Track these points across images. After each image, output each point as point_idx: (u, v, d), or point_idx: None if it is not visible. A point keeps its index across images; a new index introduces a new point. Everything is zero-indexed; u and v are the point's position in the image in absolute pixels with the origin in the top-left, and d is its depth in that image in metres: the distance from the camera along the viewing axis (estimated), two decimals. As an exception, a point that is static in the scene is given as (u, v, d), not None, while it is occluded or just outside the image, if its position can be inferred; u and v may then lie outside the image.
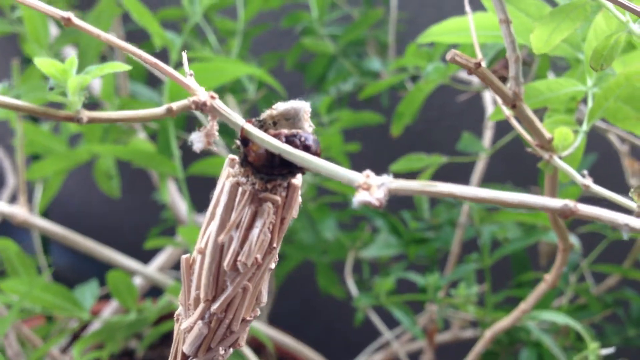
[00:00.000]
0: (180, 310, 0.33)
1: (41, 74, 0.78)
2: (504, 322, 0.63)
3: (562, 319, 0.62)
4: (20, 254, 0.68)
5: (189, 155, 0.91)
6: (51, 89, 0.28)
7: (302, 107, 0.30)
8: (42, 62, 0.28)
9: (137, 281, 0.85)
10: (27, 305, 0.67)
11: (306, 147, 0.28)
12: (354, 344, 1.07)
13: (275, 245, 0.30)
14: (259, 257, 0.30)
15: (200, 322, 0.31)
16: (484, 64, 0.47)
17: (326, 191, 0.95)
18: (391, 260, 0.97)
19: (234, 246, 0.30)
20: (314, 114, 0.93)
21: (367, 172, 0.24)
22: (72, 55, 0.84)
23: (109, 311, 0.83)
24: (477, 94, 0.86)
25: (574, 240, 0.73)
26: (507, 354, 0.87)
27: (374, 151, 1.07)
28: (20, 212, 0.69)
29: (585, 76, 0.49)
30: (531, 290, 0.64)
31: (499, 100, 0.44)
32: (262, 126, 0.29)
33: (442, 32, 0.58)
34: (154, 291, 0.87)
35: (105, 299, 0.88)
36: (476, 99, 0.92)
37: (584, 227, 0.86)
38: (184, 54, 0.31)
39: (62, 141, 0.82)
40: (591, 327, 0.88)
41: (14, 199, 0.95)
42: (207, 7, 0.82)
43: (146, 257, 0.91)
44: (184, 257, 0.32)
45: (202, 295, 0.31)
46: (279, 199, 0.30)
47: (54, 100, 0.33)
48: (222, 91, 0.93)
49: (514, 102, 0.41)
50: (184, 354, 0.33)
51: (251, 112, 1.00)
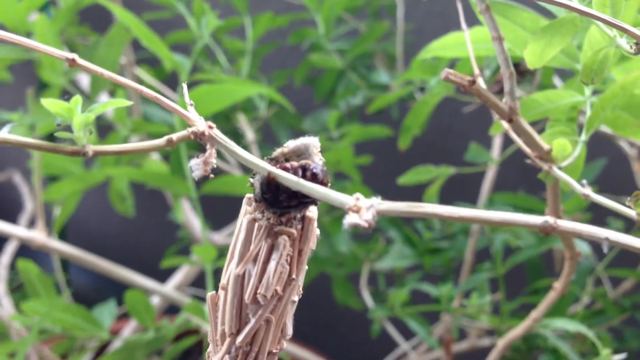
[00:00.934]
0: (210, 347, 0.34)
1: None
2: (516, 331, 0.63)
3: (574, 327, 0.62)
4: (40, 275, 0.70)
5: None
6: (59, 125, 0.30)
7: (312, 142, 0.31)
8: (49, 103, 0.29)
9: (155, 300, 0.87)
10: (47, 325, 0.69)
11: (314, 176, 0.29)
12: (372, 356, 1.08)
13: (294, 276, 0.31)
14: (279, 289, 0.31)
15: (227, 357, 0.32)
16: (480, 80, 0.48)
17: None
18: (406, 270, 0.98)
19: (253, 279, 0.31)
20: (325, 129, 0.95)
21: (357, 195, 0.25)
22: (85, 81, 0.85)
23: (128, 330, 0.84)
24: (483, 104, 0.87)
25: (584, 246, 0.73)
26: (525, 360, 0.87)
27: (385, 163, 1.08)
28: (39, 236, 0.71)
29: (583, 86, 0.49)
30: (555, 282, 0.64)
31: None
32: (275, 164, 0.30)
33: (443, 47, 0.59)
34: (172, 309, 0.88)
35: (125, 317, 0.90)
36: (485, 106, 0.93)
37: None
38: (184, 85, 0.32)
39: (77, 163, 0.84)
40: (610, 332, 0.88)
41: (32, 224, 0.98)
42: (215, 29, 0.83)
43: (163, 275, 0.93)
44: (209, 294, 0.33)
45: (227, 329, 0.32)
46: (294, 231, 0.31)
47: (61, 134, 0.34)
48: (233, 110, 0.94)
49: (510, 117, 0.42)
50: None
51: (263, 129, 1.01)
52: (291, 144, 0.31)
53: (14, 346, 0.64)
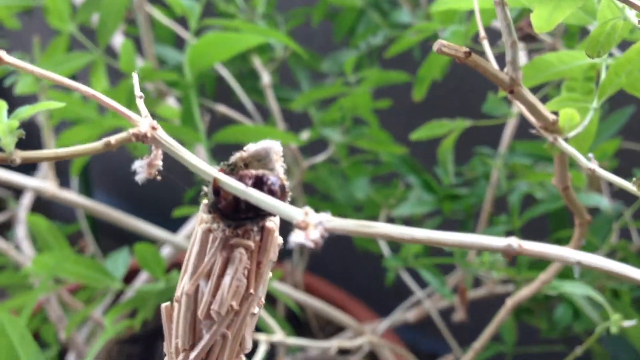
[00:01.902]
0: (166, 359, 0.33)
1: (65, 48, 0.79)
2: (525, 291, 0.62)
3: (582, 290, 0.61)
4: (51, 228, 0.70)
5: (216, 121, 0.91)
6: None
7: (273, 147, 0.29)
8: None
9: (166, 250, 0.87)
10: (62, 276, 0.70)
11: (271, 192, 0.27)
12: (388, 302, 1.08)
13: (252, 291, 0.30)
14: (234, 304, 0.29)
15: None
16: (485, 43, 0.45)
17: (358, 150, 0.94)
18: (425, 216, 0.96)
19: (207, 295, 0.29)
20: (342, 74, 0.92)
21: (306, 209, 0.24)
22: (96, 19, 0.83)
23: (143, 278, 0.85)
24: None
25: (604, 201, 0.71)
26: (542, 310, 0.86)
27: (405, 107, 1.05)
28: (49, 186, 0.71)
29: (599, 47, 0.46)
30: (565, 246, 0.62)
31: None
32: (233, 170, 0.29)
33: (454, -1, 0.55)
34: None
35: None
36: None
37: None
38: (135, 80, 0.30)
39: (92, 108, 0.83)
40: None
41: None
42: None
43: (178, 224, 0.93)
44: (164, 305, 0.32)
45: (180, 344, 0.31)
46: (252, 244, 0.29)
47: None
48: (249, 52, 0.92)
49: (511, 88, 0.39)
50: None
51: (279, 71, 0.99)
52: (251, 148, 0.29)
53: (25, 298, 0.65)
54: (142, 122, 0.27)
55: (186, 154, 0.27)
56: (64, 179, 0.88)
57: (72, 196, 0.73)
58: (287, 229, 0.26)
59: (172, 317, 0.31)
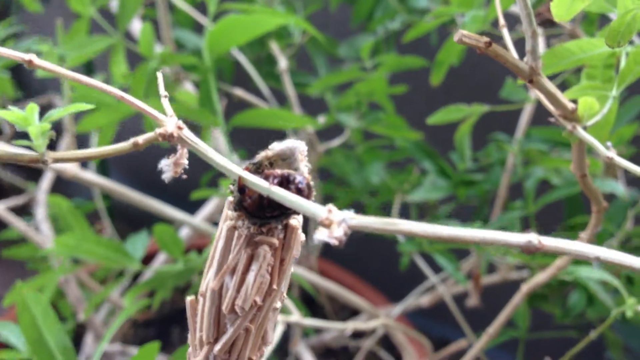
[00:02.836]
0: (190, 350, 0.34)
1: (86, 31, 0.79)
2: (541, 277, 0.62)
3: (598, 275, 0.61)
4: (72, 209, 0.71)
5: (233, 105, 0.92)
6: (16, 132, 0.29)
7: (298, 146, 0.29)
8: (2, 112, 0.28)
9: (184, 231, 0.88)
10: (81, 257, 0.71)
11: (299, 191, 0.28)
12: (400, 288, 1.09)
13: (275, 286, 0.30)
14: (258, 299, 0.30)
15: None
16: (505, 32, 0.45)
17: (374, 135, 0.94)
18: (439, 202, 0.97)
19: (231, 290, 0.30)
20: (358, 59, 0.92)
21: (330, 206, 0.24)
22: (115, 3, 0.83)
23: (161, 259, 0.86)
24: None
25: (620, 188, 0.71)
26: (556, 296, 0.86)
27: (421, 93, 1.05)
28: (70, 167, 0.72)
29: (619, 35, 0.46)
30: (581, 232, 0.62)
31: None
32: (259, 168, 0.29)
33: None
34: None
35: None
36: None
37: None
38: (160, 79, 0.31)
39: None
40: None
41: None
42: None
43: (196, 205, 0.94)
44: (189, 299, 0.32)
45: (204, 337, 0.31)
46: (276, 241, 0.30)
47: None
48: (266, 37, 0.92)
49: (531, 77, 0.40)
50: None
51: (297, 56, 0.99)
52: (276, 147, 0.29)
53: (46, 278, 0.66)
54: (169, 121, 0.28)
55: (211, 153, 0.27)
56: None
57: (92, 177, 0.74)
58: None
59: (197, 310, 0.32)
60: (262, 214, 0.29)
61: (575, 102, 0.43)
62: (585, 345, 0.65)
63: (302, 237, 0.31)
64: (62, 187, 1.04)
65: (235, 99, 0.93)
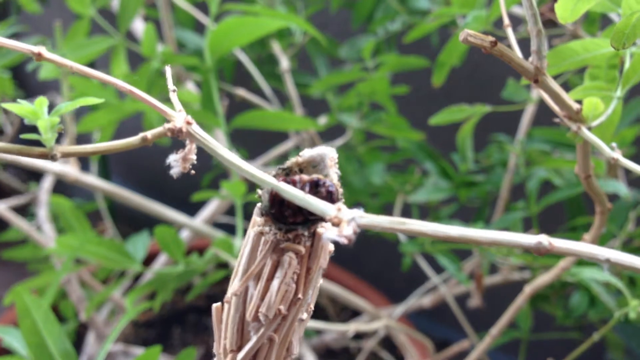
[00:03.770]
0: (215, 359, 0.33)
1: (85, 33, 0.79)
2: (544, 278, 0.62)
3: (601, 276, 0.61)
4: (73, 209, 0.71)
5: (235, 106, 0.92)
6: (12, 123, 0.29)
7: (328, 153, 0.29)
8: (12, 106, 0.28)
9: (185, 234, 0.88)
10: (83, 257, 0.71)
11: (329, 194, 0.28)
12: (401, 290, 1.08)
13: (300, 296, 0.30)
14: (282, 308, 0.29)
15: None
16: (509, 31, 0.45)
17: (375, 135, 0.94)
18: (441, 203, 0.97)
19: (255, 297, 0.29)
20: (361, 57, 0.92)
21: (339, 204, 0.24)
22: (116, 3, 0.83)
23: (162, 260, 0.86)
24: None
25: (623, 188, 0.71)
26: (558, 297, 0.86)
27: (423, 94, 1.05)
28: (71, 170, 0.72)
29: (623, 36, 0.46)
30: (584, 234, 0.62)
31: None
32: (288, 174, 0.29)
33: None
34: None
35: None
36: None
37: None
38: (169, 75, 0.30)
39: (112, 93, 0.84)
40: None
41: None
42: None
43: (197, 207, 0.94)
44: (215, 306, 0.32)
45: (228, 345, 0.31)
46: (302, 249, 0.29)
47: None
48: (268, 37, 0.92)
49: (536, 77, 0.39)
50: None
51: (298, 57, 0.99)
52: (306, 154, 0.29)
53: (48, 278, 0.66)
54: (177, 116, 0.27)
55: (221, 149, 0.27)
56: (83, 164, 0.89)
57: (94, 180, 0.73)
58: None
59: (222, 318, 0.32)
60: (285, 219, 0.28)
61: (579, 102, 0.43)
62: (589, 345, 0.65)
63: (331, 247, 0.31)
64: (63, 187, 1.04)
65: (237, 99, 0.93)
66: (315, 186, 0.28)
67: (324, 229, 0.30)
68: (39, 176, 1.00)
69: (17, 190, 1.11)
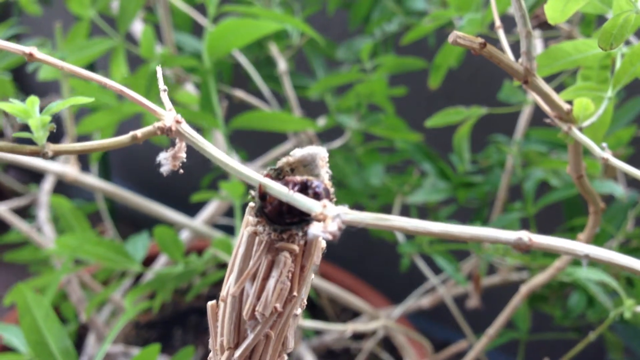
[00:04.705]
0: (211, 355, 0.34)
1: (85, 35, 0.80)
2: (539, 278, 0.63)
3: (597, 276, 0.61)
4: (73, 210, 0.71)
5: (233, 107, 0.92)
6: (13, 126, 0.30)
7: (319, 153, 0.29)
8: (4, 105, 0.28)
9: (184, 234, 0.88)
10: (83, 257, 0.71)
11: (316, 195, 0.28)
12: (400, 290, 1.09)
13: (295, 293, 0.30)
14: (278, 306, 0.30)
15: None
16: (501, 32, 0.45)
17: (373, 137, 0.94)
18: (440, 204, 0.97)
19: (251, 297, 0.30)
20: (359, 59, 0.92)
21: (324, 201, 0.24)
22: (116, 6, 0.83)
23: (162, 260, 0.87)
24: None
25: (618, 189, 0.71)
26: (556, 297, 0.87)
27: (421, 95, 1.05)
28: (71, 171, 0.72)
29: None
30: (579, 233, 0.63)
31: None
32: (279, 174, 0.29)
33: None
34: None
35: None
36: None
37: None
38: (159, 72, 0.31)
39: (111, 95, 0.85)
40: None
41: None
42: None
43: (196, 208, 0.94)
44: (210, 304, 0.32)
45: (225, 343, 0.32)
46: (296, 248, 0.30)
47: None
48: (265, 39, 0.92)
49: (525, 78, 0.40)
50: None
51: (296, 58, 0.99)
52: (297, 153, 0.29)
53: (48, 278, 0.67)
54: (167, 115, 0.28)
55: (210, 148, 0.27)
56: (83, 165, 0.89)
57: (93, 180, 0.74)
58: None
59: (218, 315, 0.32)
60: (282, 220, 0.28)
61: (570, 103, 0.44)
62: (586, 346, 0.66)
63: (323, 244, 0.31)
64: (64, 188, 1.05)
65: (236, 101, 0.93)
66: (304, 188, 0.28)
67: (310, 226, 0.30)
68: (39, 178, 1.00)
69: (18, 192, 1.11)
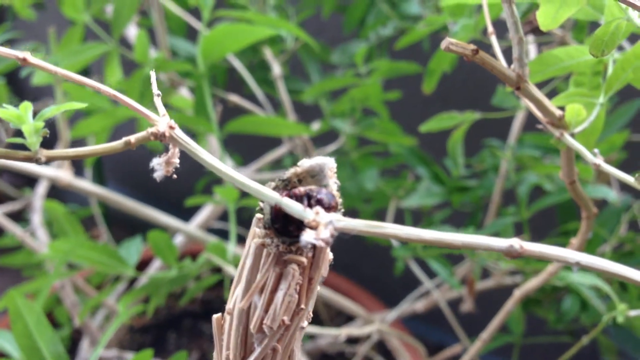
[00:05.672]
0: None
1: (79, 39, 0.80)
2: (533, 282, 0.63)
3: (590, 280, 0.61)
4: (67, 214, 0.71)
5: (228, 111, 0.92)
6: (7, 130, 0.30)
7: (327, 163, 0.29)
8: None
9: (179, 239, 0.88)
10: (76, 262, 0.71)
11: (319, 202, 0.28)
12: (395, 294, 1.09)
13: (303, 306, 0.30)
14: (286, 319, 0.29)
15: None
16: (493, 39, 0.45)
17: (368, 141, 0.95)
18: (434, 208, 0.97)
19: (259, 310, 0.29)
20: (353, 63, 0.92)
21: (317, 208, 0.24)
22: (110, 10, 0.83)
23: (156, 265, 0.87)
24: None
25: (611, 194, 0.71)
26: (550, 301, 0.87)
27: (416, 99, 1.06)
28: (64, 175, 0.72)
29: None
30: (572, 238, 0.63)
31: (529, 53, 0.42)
32: (287, 185, 0.29)
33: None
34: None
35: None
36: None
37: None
38: (154, 90, 0.31)
39: (106, 99, 0.84)
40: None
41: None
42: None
43: (191, 212, 0.94)
44: (215, 317, 0.32)
45: (231, 356, 0.31)
46: (304, 260, 0.29)
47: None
48: (259, 43, 0.92)
49: (517, 85, 0.40)
50: None
51: (290, 63, 0.99)
52: (305, 164, 0.29)
53: (41, 283, 0.66)
54: (160, 121, 0.28)
55: (203, 153, 0.27)
56: (78, 169, 0.89)
57: (87, 185, 0.74)
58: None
59: (224, 328, 0.32)
60: (290, 232, 0.28)
61: (563, 109, 0.44)
62: (579, 350, 0.66)
63: (330, 255, 0.31)
64: (58, 193, 1.05)
65: (230, 105, 0.93)
66: (308, 198, 0.28)
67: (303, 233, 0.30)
68: (33, 182, 1.00)
69: (11, 196, 1.11)
